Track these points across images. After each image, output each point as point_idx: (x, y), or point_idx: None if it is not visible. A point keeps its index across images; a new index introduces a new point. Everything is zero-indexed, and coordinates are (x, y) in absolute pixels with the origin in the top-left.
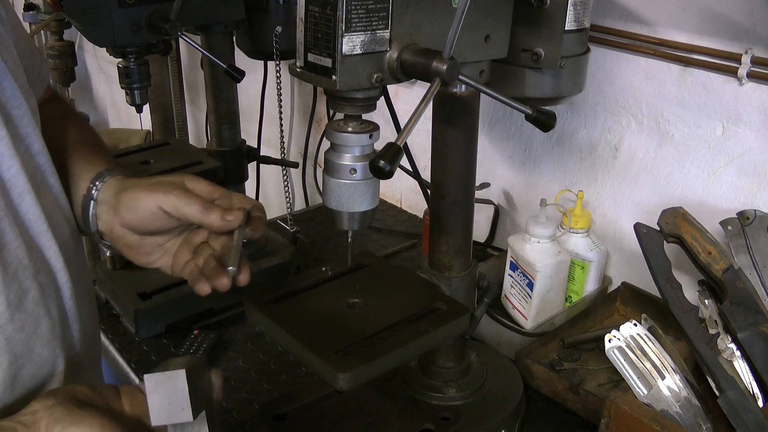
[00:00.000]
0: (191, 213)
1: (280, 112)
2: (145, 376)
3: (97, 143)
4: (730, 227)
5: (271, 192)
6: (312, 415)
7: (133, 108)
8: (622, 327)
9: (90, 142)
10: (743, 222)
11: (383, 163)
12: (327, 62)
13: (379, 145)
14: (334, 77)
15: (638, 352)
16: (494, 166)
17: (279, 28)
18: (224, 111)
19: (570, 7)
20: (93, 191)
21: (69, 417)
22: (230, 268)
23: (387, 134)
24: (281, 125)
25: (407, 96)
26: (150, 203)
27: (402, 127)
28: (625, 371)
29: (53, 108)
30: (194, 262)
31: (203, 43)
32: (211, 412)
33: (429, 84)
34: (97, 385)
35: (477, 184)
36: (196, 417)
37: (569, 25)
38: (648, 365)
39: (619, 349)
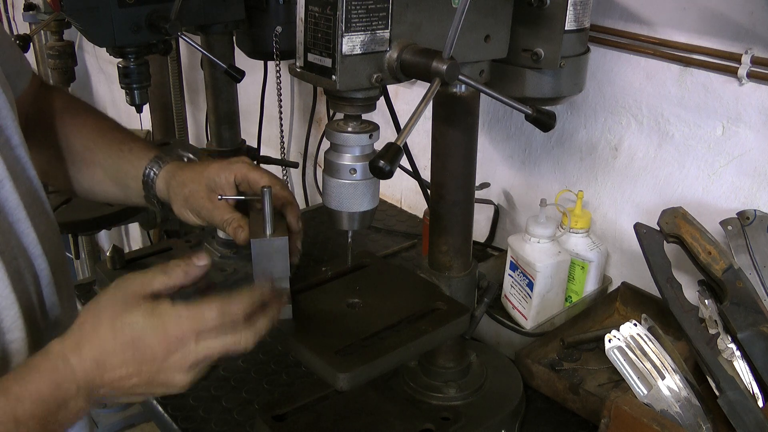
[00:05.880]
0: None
1: (280, 112)
2: (252, 241)
3: (126, 129)
4: (730, 227)
5: None
6: (312, 415)
7: (133, 108)
8: (622, 327)
9: (120, 128)
10: (743, 222)
11: (383, 163)
12: (327, 62)
13: (379, 145)
14: (334, 77)
15: (638, 352)
16: (494, 166)
17: (279, 28)
18: (224, 111)
19: (570, 7)
20: (151, 175)
21: (118, 310)
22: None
23: (387, 134)
24: (281, 125)
25: (407, 96)
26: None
27: (402, 127)
28: (625, 371)
29: (56, 98)
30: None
31: (203, 43)
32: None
33: (429, 84)
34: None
35: (477, 184)
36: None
37: (569, 25)
38: (648, 365)
39: (619, 349)
